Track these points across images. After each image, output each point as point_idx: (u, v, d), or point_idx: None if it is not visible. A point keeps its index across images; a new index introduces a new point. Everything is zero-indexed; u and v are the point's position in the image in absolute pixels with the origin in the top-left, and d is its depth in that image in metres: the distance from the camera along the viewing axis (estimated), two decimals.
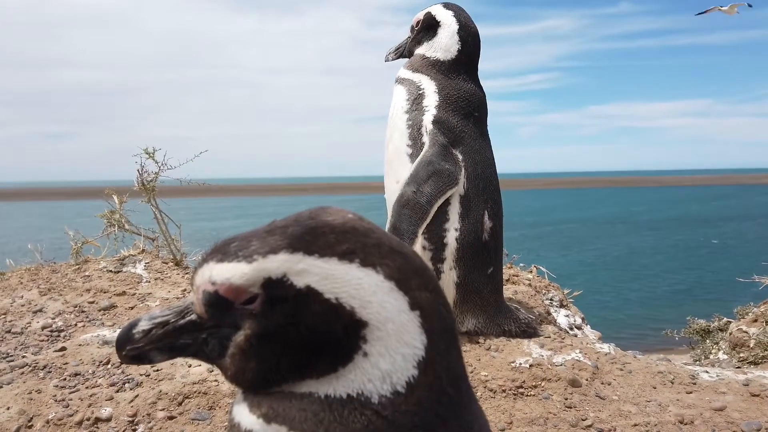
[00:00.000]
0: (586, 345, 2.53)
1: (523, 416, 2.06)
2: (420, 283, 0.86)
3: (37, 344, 2.55)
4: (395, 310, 0.83)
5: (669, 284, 15.16)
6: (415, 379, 0.83)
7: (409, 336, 0.83)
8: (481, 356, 2.37)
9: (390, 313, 0.83)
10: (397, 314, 0.83)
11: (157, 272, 3.43)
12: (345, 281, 0.81)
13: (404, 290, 0.84)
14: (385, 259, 0.84)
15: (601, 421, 2.03)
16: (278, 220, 0.87)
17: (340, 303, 0.80)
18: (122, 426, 1.96)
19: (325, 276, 0.81)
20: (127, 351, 0.87)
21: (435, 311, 0.86)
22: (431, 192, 2.42)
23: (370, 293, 0.81)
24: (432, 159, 2.47)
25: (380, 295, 0.82)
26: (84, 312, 2.91)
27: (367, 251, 0.83)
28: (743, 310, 3.52)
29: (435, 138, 2.52)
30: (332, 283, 0.80)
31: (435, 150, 2.49)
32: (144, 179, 3.74)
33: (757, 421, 1.99)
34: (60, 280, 3.32)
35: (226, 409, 2.04)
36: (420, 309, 0.84)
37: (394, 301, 0.83)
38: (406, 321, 0.83)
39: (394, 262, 0.84)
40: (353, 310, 0.81)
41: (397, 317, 0.83)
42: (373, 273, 0.82)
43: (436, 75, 2.67)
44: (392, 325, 0.82)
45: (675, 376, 2.31)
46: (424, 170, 2.45)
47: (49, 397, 2.08)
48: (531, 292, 3.20)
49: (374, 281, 0.82)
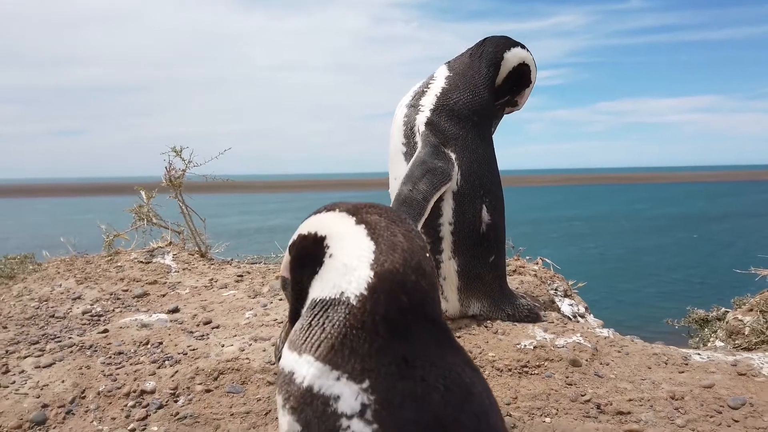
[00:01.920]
0: (587, 330, 2.72)
1: (527, 392, 2.26)
2: (372, 210, 1.23)
3: (80, 327, 2.77)
4: (344, 225, 1.22)
5: (670, 278, 15.40)
6: (371, 280, 1.12)
7: (360, 241, 1.18)
8: (489, 339, 2.57)
9: (340, 228, 1.22)
10: (345, 228, 1.22)
11: (185, 263, 3.66)
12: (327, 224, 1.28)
13: (352, 214, 1.22)
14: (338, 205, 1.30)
15: (598, 397, 2.22)
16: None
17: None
18: (165, 397, 2.17)
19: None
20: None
21: (380, 228, 1.19)
22: (426, 189, 2.55)
23: (329, 221, 1.26)
24: (425, 159, 2.61)
25: (331, 217, 1.26)
26: (119, 299, 3.14)
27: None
28: (740, 301, 3.69)
29: (426, 139, 2.65)
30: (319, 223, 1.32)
31: (427, 150, 2.63)
32: (172, 176, 3.96)
33: (742, 397, 2.17)
34: (94, 270, 3.55)
35: (257, 383, 2.26)
36: (366, 224, 1.20)
37: (340, 220, 1.23)
38: (355, 231, 1.20)
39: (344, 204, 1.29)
40: (316, 233, 1.26)
41: (345, 229, 1.21)
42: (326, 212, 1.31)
43: (456, 66, 2.80)
44: (343, 230, 1.22)
45: (669, 358, 2.50)
46: (418, 169, 2.59)
47: (98, 372, 2.30)
48: (536, 282, 3.39)
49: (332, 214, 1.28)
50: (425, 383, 1.07)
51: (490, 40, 2.85)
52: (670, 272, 16.68)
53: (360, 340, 1.08)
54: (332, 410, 1.05)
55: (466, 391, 1.11)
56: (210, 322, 2.80)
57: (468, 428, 1.07)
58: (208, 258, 3.82)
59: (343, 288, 1.14)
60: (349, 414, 1.04)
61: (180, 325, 2.78)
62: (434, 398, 1.06)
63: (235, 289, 3.28)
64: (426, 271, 1.18)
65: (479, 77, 2.75)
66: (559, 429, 2.10)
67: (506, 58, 2.80)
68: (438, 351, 1.13)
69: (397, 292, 1.11)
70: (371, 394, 1.05)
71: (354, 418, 1.04)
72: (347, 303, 1.12)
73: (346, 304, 1.12)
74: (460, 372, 1.13)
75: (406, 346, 1.09)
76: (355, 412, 1.04)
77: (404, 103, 2.79)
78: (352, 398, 1.05)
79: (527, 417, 2.14)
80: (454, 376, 1.11)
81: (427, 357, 1.10)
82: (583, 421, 2.12)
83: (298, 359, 1.13)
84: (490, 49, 2.81)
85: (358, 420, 1.04)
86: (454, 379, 1.11)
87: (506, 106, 2.91)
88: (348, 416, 1.04)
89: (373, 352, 1.08)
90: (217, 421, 2.09)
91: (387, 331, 1.09)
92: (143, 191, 4.03)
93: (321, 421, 1.06)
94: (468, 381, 1.13)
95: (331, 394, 1.06)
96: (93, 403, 2.15)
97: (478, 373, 1.20)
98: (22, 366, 2.34)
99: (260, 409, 2.15)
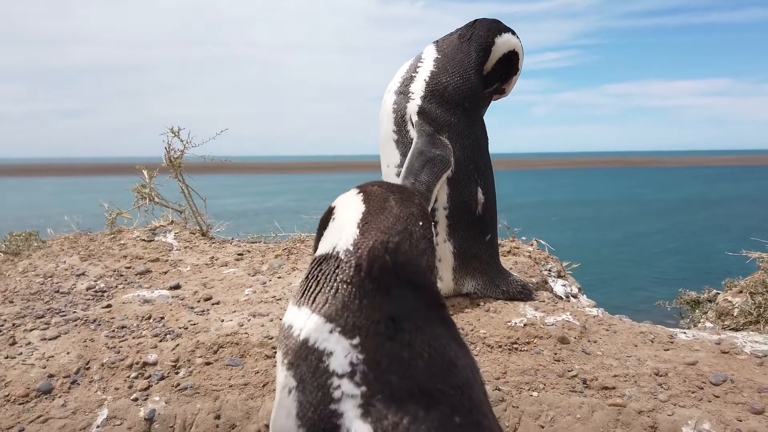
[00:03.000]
0: (577, 309, 2.79)
1: (516, 367, 2.33)
2: (378, 183, 1.39)
3: (85, 302, 2.85)
4: (349, 196, 1.38)
5: (666, 262, 15.60)
6: (357, 237, 1.25)
7: (355, 206, 1.33)
8: (481, 317, 2.64)
9: (345, 199, 1.38)
10: (348, 198, 1.37)
11: (186, 241, 3.73)
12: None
13: (359, 187, 1.38)
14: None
15: (585, 372, 2.29)
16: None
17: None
18: (167, 369, 2.26)
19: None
20: None
21: (374, 195, 1.33)
22: (428, 180, 2.56)
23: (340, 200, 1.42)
24: (423, 149, 2.59)
25: (346, 192, 1.41)
26: (122, 276, 3.22)
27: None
28: (731, 283, 3.76)
29: (421, 128, 2.63)
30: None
31: (423, 140, 2.61)
32: (171, 156, 4.01)
33: (723, 374, 2.24)
34: (98, 247, 3.63)
35: (255, 357, 2.34)
36: (363, 193, 1.35)
37: (349, 193, 1.39)
38: (354, 199, 1.35)
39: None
40: (332, 209, 1.40)
41: (348, 199, 1.37)
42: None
43: (445, 48, 2.77)
44: (343, 200, 1.38)
45: (655, 336, 2.57)
46: (418, 161, 2.58)
47: (101, 344, 2.39)
48: (530, 263, 3.46)
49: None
50: (411, 348, 1.14)
51: (481, 23, 2.83)
52: (665, 256, 16.87)
53: (349, 295, 1.18)
54: (324, 367, 1.13)
55: (449, 363, 1.17)
56: (210, 299, 2.88)
57: (449, 398, 1.13)
58: (209, 237, 3.90)
59: (335, 244, 1.28)
60: (340, 373, 1.12)
61: (181, 301, 2.86)
62: (419, 365, 1.13)
63: (235, 267, 3.36)
64: (413, 236, 1.26)
65: (469, 61, 2.73)
66: (545, 403, 2.18)
67: (497, 43, 2.78)
68: (425, 317, 1.20)
69: (379, 250, 1.20)
70: (360, 353, 1.13)
71: (344, 378, 1.12)
72: (337, 257, 1.24)
73: (335, 259, 1.25)
74: (444, 344, 1.20)
75: (392, 306, 1.17)
76: (346, 372, 1.12)
77: (392, 89, 2.76)
78: (342, 355, 1.13)
79: (515, 391, 2.22)
80: (438, 346, 1.18)
81: (413, 321, 1.17)
82: (569, 395, 2.19)
83: (297, 312, 1.24)
84: (481, 32, 2.79)
85: (348, 381, 1.11)
86: (438, 349, 1.18)
87: (494, 94, 2.93)
88: (339, 375, 1.12)
89: (362, 308, 1.16)
90: (217, 392, 2.17)
91: (372, 288, 1.18)
92: (145, 171, 4.10)
93: (314, 378, 1.14)
94: (452, 354, 1.20)
95: (325, 349, 1.15)
96: (97, 374, 2.23)
97: (465, 347, 1.27)
98: (28, 338, 2.43)
99: (258, 381, 2.23)
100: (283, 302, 2.84)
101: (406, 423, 1.07)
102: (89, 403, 2.09)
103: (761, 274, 3.51)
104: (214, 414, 2.09)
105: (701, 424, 2.00)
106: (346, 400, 1.10)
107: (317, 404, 1.11)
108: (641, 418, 2.05)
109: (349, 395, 1.10)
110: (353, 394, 1.10)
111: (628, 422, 2.06)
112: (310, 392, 1.13)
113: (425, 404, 1.10)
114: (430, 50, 2.81)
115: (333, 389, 1.11)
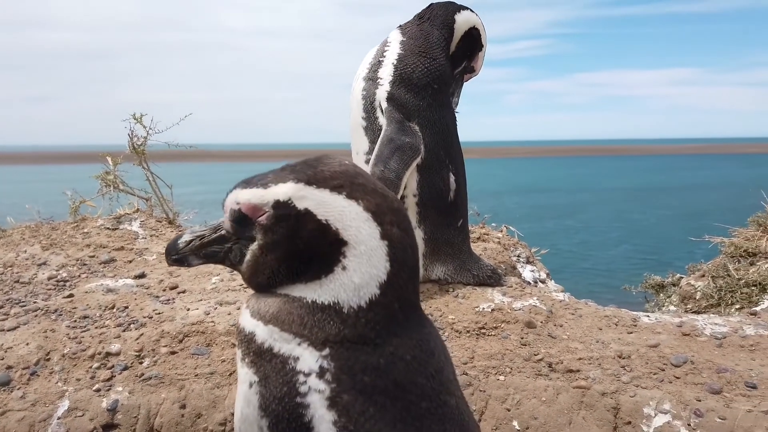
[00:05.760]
0: (544, 294, 2.83)
1: (484, 352, 2.35)
2: (393, 220, 1.12)
3: (46, 292, 2.78)
4: (369, 236, 1.09)
5: (631, 247, 16.01)
6: (375, 298, 1.10)
7: (377, 260, 1.09)
8: (449, 302, 2.65)
9: (364, 238, 1.09)
10: (370, 239, 1.09)
11: (152, 230, 3.66)
12: (333, 207, 1.08)
13: (378, 222, 1.10)
14: (366, 195, 1.11)
15: (550, 356, 2.32)
16: (291, 162, 1.17)
17: (329, 224, 1.08)
18: (130, 359, 2.22)
19: (319, 202, 1.08)
20: (173, 256, 1.19)
21: (401, 246, 1.12)
22: (398, 167, 2.55)
23: (351, 219, 1.08)
24: (392, 136, 2.58)
25: (358, 222, 1.09)
26: (86, 265, 3.15)
27: (353, 188, 1.10)
28: (693, 267, 3.85)
29: (391, 115, 2.62)
30: (324, 208, 1.08)
31: (393, 127, 2.60)
32: (134, 143, 3.92)
33: (684, 355, 2.29)
34: (60, 236, 3.53)
35: (221, 345, 2.31)
36: (389, 240, 1.10)
37: (369, 229, 1.09)
38: (377, 247, 1.09)
39: (373, 199, 1.11)
40: (337, 230, 1.08)
41: (369, 242, 1.09)
42: (354, 204, 1.09)
43: (409, 30, 2.77)
44: (365, 247, 1.09)
45: (619, 320, 2.62)
46: (387, 148, 2.57)
47: (62, 335, 2.33)
48: (499, 249, 3.49)
49: (355, 210, 1.09)
50: (393, 356, 1.10)
51: (437, 5, 2.85)
52: (632, 240, 17.28)
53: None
54: (290, 368, 1.09)
55: (429, 354, 1.16)
56: (176, 287, 2.83)
57: (423, 387, 1.12)
58: (177, 225, 3.83)
59: None
60: (307, 372, 1.07)
61: (146, 290, 2.81)
62: (398, 367, 1.10)
63: None
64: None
65: (433, 40, 2.73)
66: (512, 386, 2.20)
67: (457, 21, 2.80)
68: (403, 322, 1.16)
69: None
70: (331, 361, 1.08)
71: (312, 375, 1.07)
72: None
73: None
74: (429, 340, 1.18)
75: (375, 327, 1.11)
76: (314, 371, 1.07)
77: (361, 75, 2.75)
78: (312, 360, 1.08)
79: (483, 375, 2.24)
80: (425, 347, 1.16)
81: (391, 334, 1.12)
82: (535, 378, 2.22)
83: (262, 326, 1.14)
84: (440, 12, 2.80)
85: (316, 378, 1.07)
86: (425, 348, 1.15)
87: (464, 73, 2.93)
88: (306, 374, 1.07)
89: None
90: (182, 382, 2.14)
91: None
92: (109, 158, 4.00)
93: (279, 375, 1.09)
94: (432, 345, 1.18)
95: (291, 355, 1.09)
96: (58, 365, 2.18)
97: (436, 330, 1.26)
98: None
99: (224, 369, 2.20)
100: (251, 290, 2.80)
101: (373, 411, 1.06)
102: (49, 395, 2.04)
103: (722, 258, 3.60)
104: (179, 403, 2.07)
105: (662, 404, 2.05)
106: (312, 393, 1.07)
107: (282, 397, 1.08)
108: (604, 399, 2.09)
109: (316, 390, 1.07)
110: (320, 389, 1.07)
111: (591, 404, 2.10)
112: (275, 387, 1.09)
113: (394, 395, 1.09)
114: (396, 34, 2.80)
115: (299, 385, 1.07)
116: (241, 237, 1.16)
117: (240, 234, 1.16)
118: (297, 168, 1.12)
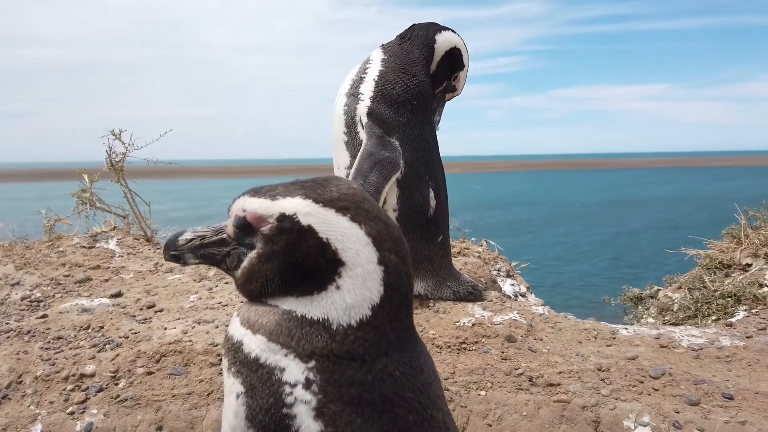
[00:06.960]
0: (524, 307, 2.84)
1: (465, 367, 2.35)
2: (392, 247, 1.15)
3: (19, 313, 2.72)
4: (367, 260, 1.11)
5: (605, 260, 16.21)
6: (366, 319, 1.12)
7: (371, 284, 1.12)
8: (430, 318, 2.65)
9: (362, 261, 1.11)
10: (367, 263, 1.12)
11: (129, 248, 3.61)
12: (336, 228, 1.11)
13: (378, 248, 1.13)
14: (369, 221, 1.13)
15: (531, 370, 2.33)
16: (301, 179, 1.20)
17: (329, 242, 1.10)
18: (105, 380, 2.17)
19: (323, 221, 1.11)
20: (171, 252, 1.21)
21: (397, 273, 1.15)
22: (377, 181, 2.56)
23: (352, 241, 1.11)
24: (372, 151, 2.60)
25: (359, 245, 1.11)
26: (60, 284, 3.09)
27: (358, 212, 1.13)
28: (670, 279, 3.90)
29: (371, 130, 2.65)
30: (327, 227, 1.11)
31: (373, 142, 2.62)
32: (112, 159, 3.88)
33: (662, 367, 2.32)
34: (34, 255, 3.46)
35: (199, 365, 2.27)
36: (386, 266, 1.13)
37: (368, 253, 1.12)
38: (373, 271, 1.12)
39: (376, 225, 1.14)
40: (337, 250, 1.10)
41: (367, 265, 1.11)
42: (357, 227, 1.12)
43: (391, 49, 2.82)
44: (361, 270, 1.11)
45: (598, 333, 2.64)
46: (366, 163, 2.58)
47: (35, 357, 2.27)
48: (480, 263, 3.50)
49: (357, 233, 1.11)
50: (382, 372, 1.11)
51: (419, 25, 2.90)
52: (610, 253, 17.52)
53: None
54: (277, 378, 1.10)
55: (418, 370, 1.17)
56: (153, 306, 2.79)
57: (411, 401, 1.13)
58: (154, 243, 3.78)
59: None
60: (293, 383, 1.09)
61: (122, 309, 2.76)
62: (386, 382, 1.12)
63: (180, 273, 3.27)
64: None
65: (413, 58, 2.78)
66: (493, 401, 2.20)
67: (438, 41, 2.84)
68: (396, 339, 1.17)
69: None
70: (317, 373, 1.09)
71: (298, 386, 1.09)
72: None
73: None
74: (419, 357, 1.19)
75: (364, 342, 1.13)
76: (300, 382, 1.09)
77: (343, 91, 2.78)
78: (299, 371, 1.09)
79: (464, 391, 2.24)
80: (414, 364, 1.17)
81: (382, 350, 1.13)
82: (516, 393, 2.22)
83: (250, 335, 1.15)
84: (421, 32, 2.85)
85: (303, 389, 1.08)
86: (414, 366, 1.17)
87: (446, 93, 2.97)
88: (292, 385, 1.09)
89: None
90: (159, 403, 2.10)
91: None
92: (86, 175, 3.94)
93: (265, 386, 1.10)
94: (422, 362, 1.19)
95: (277, 365, 1.11)
96: (30, 387, 2.13)
97: (426, 350, 1.27)
98: None
99: (203, 389, 2.17)
100: (229, 308, 2.77)
101: (360, 422, 1.07)
102: (21, 419, 1.99)
103: (698, 270, 3.66)
104: (155, 425, 2.03)
105: (641, 417, 2.06)
106: (299, 404, 1.08)
107: (268, 408, 1.09)
108: (585, 413, 2.10)
109: (302, 400, 1.08)
110: (306, 400, 1.08)
111: (572, 418, 2.10)
112: (261, 398, 1.10)
113: (381, 407, 1.09)
114: (378, 53, 2.85)
115: (285, 395, 1.09)
116: (241, 243, 1.18)
117: (241, 240, 1.18)
118: (307, 185, 1.15)
